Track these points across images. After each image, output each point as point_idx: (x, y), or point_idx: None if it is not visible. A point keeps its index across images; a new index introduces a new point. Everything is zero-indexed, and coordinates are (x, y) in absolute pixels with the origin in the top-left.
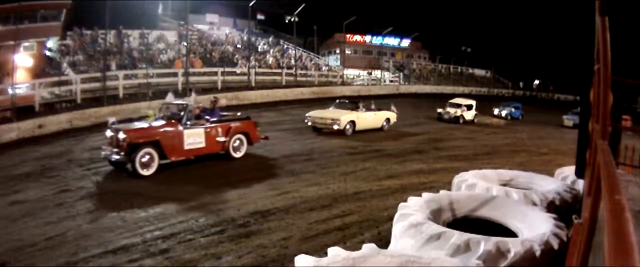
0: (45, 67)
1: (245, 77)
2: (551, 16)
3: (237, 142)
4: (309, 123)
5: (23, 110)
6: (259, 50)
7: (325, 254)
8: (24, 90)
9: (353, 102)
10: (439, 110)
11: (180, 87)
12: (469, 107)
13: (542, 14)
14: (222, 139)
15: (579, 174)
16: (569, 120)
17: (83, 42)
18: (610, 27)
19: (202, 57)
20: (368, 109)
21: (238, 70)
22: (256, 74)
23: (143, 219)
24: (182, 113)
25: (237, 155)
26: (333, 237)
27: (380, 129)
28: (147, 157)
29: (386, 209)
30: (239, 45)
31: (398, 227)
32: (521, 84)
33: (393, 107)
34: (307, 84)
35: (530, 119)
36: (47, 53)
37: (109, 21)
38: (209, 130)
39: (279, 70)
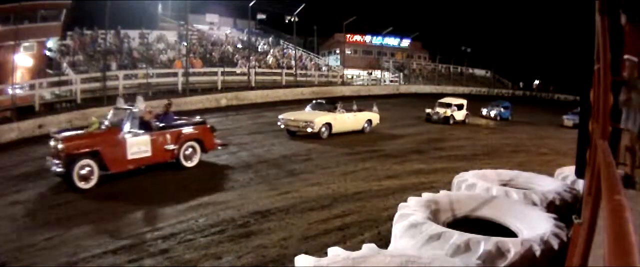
0: (45, 67)
1: (245, 77)
2: (551, 16)
3: (190, 150)
4: (282, 126)
5: (23, 110)
6: (259, 50)
7: (325, 254)
8: (24, 90)
9: (330, 103)
10: (428, 110)
11: (180, 87)
12: (460, 107)
13: (542, 14)
14: (171, 147)
15: (579, 174)
16: (568, 120)
17: (83, 42)
18: (610, 27)
19: (202, 57)
20: (348, 110)
21: (238, 70)
22: (256, 74)
23: (143, 219)
24: (123, 119)
25: (189, 164)
26: (333, 237)
27: (361, 131)
28: (87, 169)
29: (386, 209)
30: (239, 46)
31: (398, 227)
32: (521, 84)
33: (375, 108)
34: (307, 84)
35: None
36: (47, 53)
37: (109, 21)
38: (155, 137)
39: (279, 70)
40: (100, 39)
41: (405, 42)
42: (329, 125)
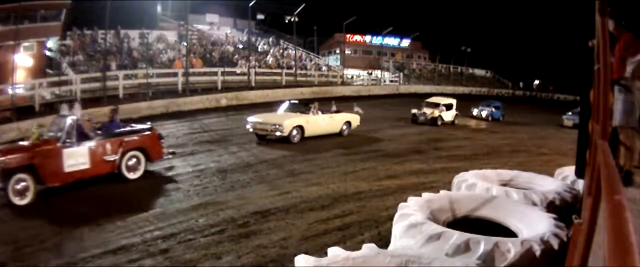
0: (45, 67)
1: (245, 77)
2: (551, 16)
3: (133, 160)
4: (250, 129)
5: (23, 110)
6: (259, 50)
7: (325, 254)
8: (24, 90)
9: (304, 104)
10: (414, 110)
11: (180, 87)
12: (449, 107)
13: (542, 14)
14: (111, 157)
15: (579, 174)
16: (568, 120)
17: (83, 42)
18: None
19: (202, 57)
20: (325, 111)
21: (238, 70)
22: (256, 74)
23: (143, 219)
24: (62, 129)
25: (132, 176)
26: (333, 237)
27: (339, 134)
28: (23, 183)
29: (386, 209)
30: (239, 46)
31: (398, 227)
32: (521, 84)
33: (357, 108)
34: (307, 84)
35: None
36: (47, 53)
37: (109, 21)
38: (94, 148)
39: (279, 70)
40: (100, 39)
41: (405, 42)
42: (300, 128)
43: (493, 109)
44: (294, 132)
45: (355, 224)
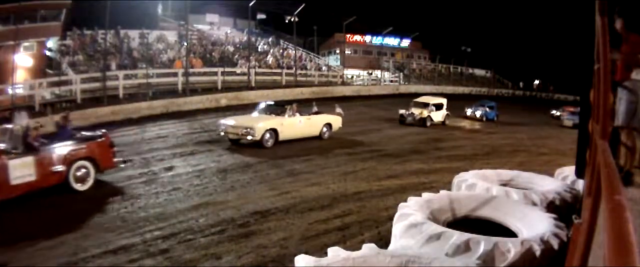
0: (45, 67)
1: (245, 77)
2: (551, 16)
3: (82, 170)
4: (222, 133)
5: (23, 110)
6: (259, 50)
7: (325, 254)
8: (24, 90)
9: (280, 106)
10: (401, 111)
11: (180, 87)
12: (439, 107)
13: (542, 14)
14: (59, 168)
15: (579, 174)
16: (568, 120)
17: (83, 42)
18: (610, 27)
19: (202, 57)
20: (303, 112)
21: (238, 70)
22: (256, 74)
23: (143, 219)
24: (7, 139)
25: (81, 187)
26: (333, 237)
27: (319, 137)
28: None
29: (386, 209)
30: (239, 46)
31: (398, 227)
32: (521, 84)
33: (338, 110)
34: (307, 84)
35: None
36: (47, 53)
37: (109, 21)
38: (40, 159)
39: (279, 70)
40: (100, 39)
41: (405, 42)
42: (274, 131)
43: (487, 109)
44: (267, 136)
45: (355, 224)
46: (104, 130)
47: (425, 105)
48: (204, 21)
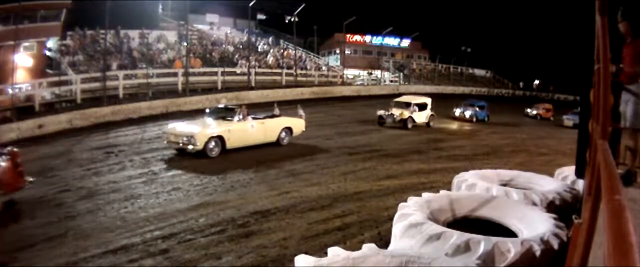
0: (45, 67)
1: (245, 77)
2: (551, 16)
3: None
4: (165, 141)
5: (23, 110)
6: (259, 50)
7: (325, 254)
8: (24, 90)
9: (229, 109)
10: (380, 112)
11: (180, 87)
12: (422, 107)
13: (542, 14)
14: None
15: (579, 174)
16: (568, 120)
17: (83, 42)
18: (610, 27)
19: (202, 57)
20: (257, 116)
21: (238, 70)
22: (256, 74)
23: (143, 219)
24: None
25: None
26: (333, 237)
27: (277, 143)
28: None
29: (386, 209)
30: (239, 46)
31: (398, 227)
32: (521, 84)
33: (300, 112)
34: (307, 84)
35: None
36: (47, 53)
37: (109, 21)
38: None
39: (279, 70)
40: (100, 39)
41: (405, 42)
42: (220, 139)
43: (477, 109)
44: (212, 144)
45: (355, 224)
46: (10, 148)
47: (406, 105)
48: (204, 21)
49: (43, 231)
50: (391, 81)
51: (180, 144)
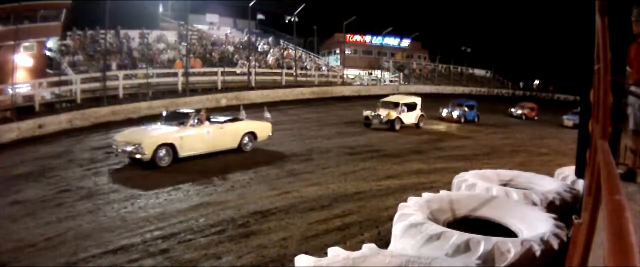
0: (45, 67)
1: (245, 77)
2: (551, 16)
3: None
4: (115, 151)
5: (23, 110)
6: (259, 50)
7: (325, 254)
8: (23, 90)
9: (184, 113)
10: (366, 112)
11: (180, 87)
12: (411, 107)
13: (542, 14)
14: None
15: (579, 174)
16: (568, 120)
17: (83, 42)
18: (610, 27)
19: (202, 57)
20: (215, 121)
21: (238, 70)
22: (256, 74)
23: (143, 219)
24: None
25: None
26: (333, 237)
27: (239, 149)
28: None
29: (386, 209)
30: (239, 46)
31: (398, 227)
32: (521, 84)
33: (267, 115)
34: (307, 84)
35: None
36: (47, 53)
37: (109, 21)
38: None
39: (279, 70)
40: (100, 39)
41: (405, 42)
42: (170, 146)
43: (466, 109)
44: (161, 153)
45: (355, 224)
46: None
47: (394, 105)
48: (204, 21)
49: (43, 231)
50: (391, 81)
51: (129, 153)
